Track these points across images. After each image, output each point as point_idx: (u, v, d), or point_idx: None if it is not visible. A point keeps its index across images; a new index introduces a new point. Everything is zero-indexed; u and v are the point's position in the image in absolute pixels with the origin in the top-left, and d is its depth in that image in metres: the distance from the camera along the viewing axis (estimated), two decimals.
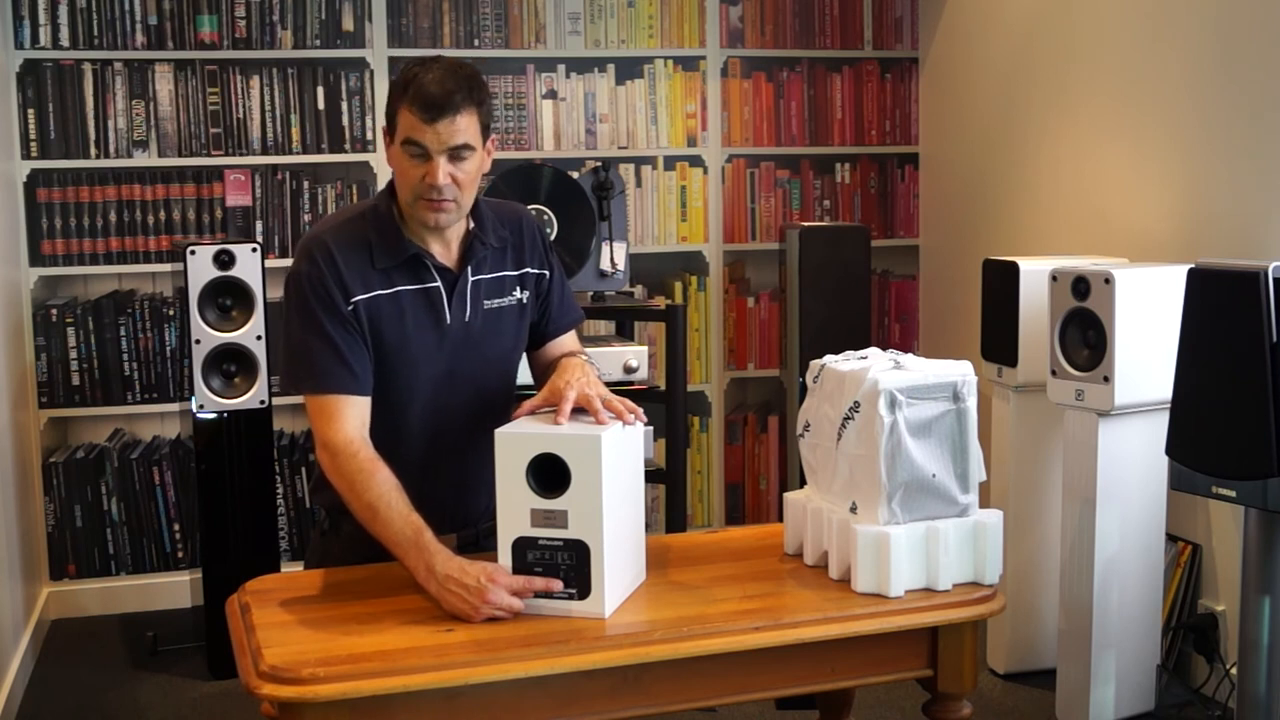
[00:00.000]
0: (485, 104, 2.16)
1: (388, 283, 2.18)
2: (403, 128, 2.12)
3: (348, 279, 2.15)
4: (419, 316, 2.20)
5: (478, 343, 2.25)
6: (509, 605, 1.94)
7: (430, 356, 2.21)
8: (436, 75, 2.11)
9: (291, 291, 2.20)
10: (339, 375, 2.14)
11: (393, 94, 2.17)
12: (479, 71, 2.18)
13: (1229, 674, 3.30)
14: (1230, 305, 2.76)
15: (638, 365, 3.71)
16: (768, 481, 4.99)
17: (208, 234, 4.43)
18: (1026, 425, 3.65)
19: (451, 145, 2.10)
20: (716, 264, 4.87)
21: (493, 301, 2.26)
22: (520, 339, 2.33)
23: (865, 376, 2.07)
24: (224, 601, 2.17)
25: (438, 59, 2.17)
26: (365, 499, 2.06)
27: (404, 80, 2.14)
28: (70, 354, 4.34)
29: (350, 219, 2.23)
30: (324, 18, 4.49)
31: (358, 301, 2.15)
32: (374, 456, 2.10)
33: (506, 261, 2.29)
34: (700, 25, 4.81)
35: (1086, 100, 3.99)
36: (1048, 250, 4.16)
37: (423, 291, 2.20)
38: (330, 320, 2.14)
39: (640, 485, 2.14)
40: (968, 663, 2.09)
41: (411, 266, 2.19)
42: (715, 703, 2.03)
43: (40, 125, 4.32)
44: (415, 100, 2.10)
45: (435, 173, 2.11)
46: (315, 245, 2.19)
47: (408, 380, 2.21)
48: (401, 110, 2.12)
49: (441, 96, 2.09)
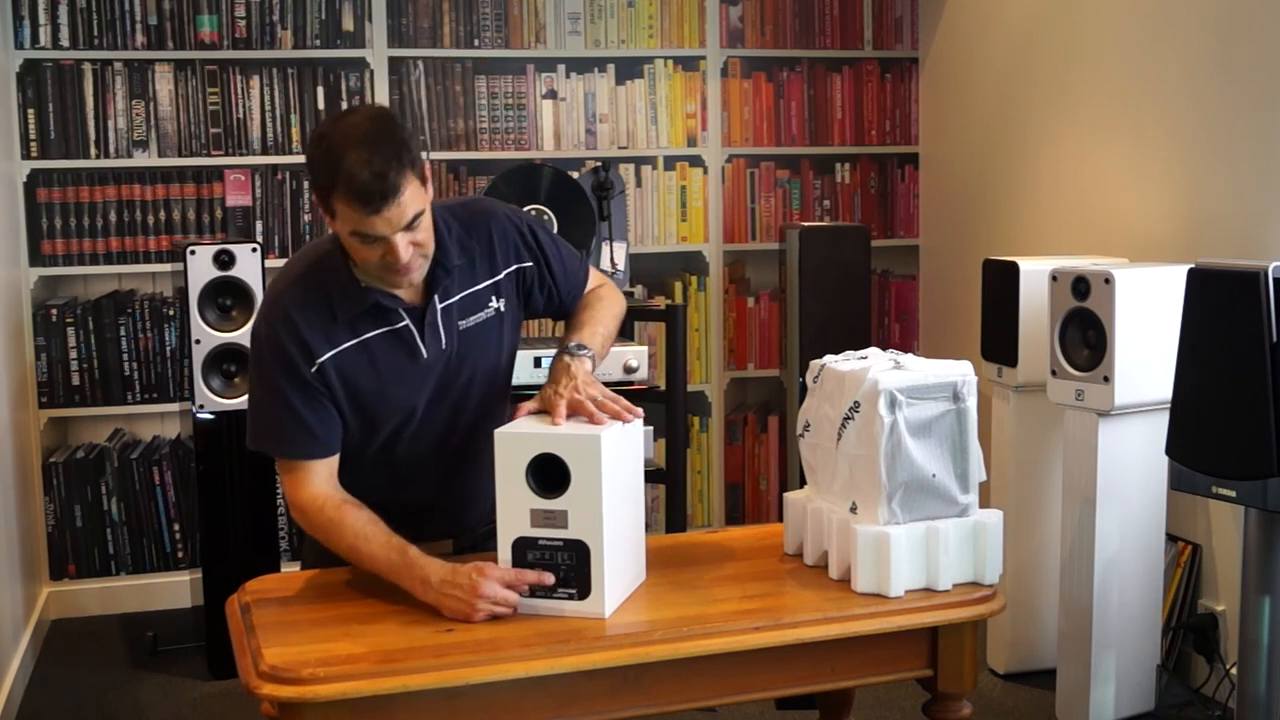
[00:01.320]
0: (415, 155, 2.00)
1: (354, 332, 2.11)
2: (344, 219, 1.99)
3: (310, 340, 2.08)
4: (393, 358, 2.13)
5: (461, 364, 2.20)
6: (503, 597, 1.94)
7: (413, 390, 2.17)
8: (362, 155, 1.94)
9: (254, 353, 2.14)
10: (302, 441, 2.10)
11: (316, 174, 2.00)
12: (392, 116, 2.04)
13: (1229, 674, 3.30)
14: (1230, 305, 2.76)
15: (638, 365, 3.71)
16: (768, 481, 4.99)
17: (208, 234, 4.43)
18: (1026, 425, 3.65)
19: (403, 224, 1.99)
20: (716, 264, 4.87)
21: (469, 320, 2.19)
22: (509, 342, 2.28)
23: (865, 376, 2.07)
24: (224, 601, 2.17)
25: (350, 114, 2.02)
26: (344, 544, 2.07)
27: (326, 164, 1.97)
28: (70, 354, 4.34)
29: (305, 273, 2.13)
30: (324, 18, 4.49)
31: (323, 362, 2.09)
32: (340, 503, 2.09)
33: (477, 274, 2.20)
34: (700, 25, 4.81)
35: (1086, 100, 3.99)
36: (1048, 250, 4.16)
37: (392, 333, 2.13)
38: (292, 386, 2.08)
39: (640, 485, 2.14)
40: (968, 663, 2.09)
41: (376, 310, 2.11)
42: (715, 703, 2.03)
43: (40, 125, 4.32)
44: (350, 193, 1.95)
45: (396, 253, 2.00)
46: (274, 307, 2.11)
47: (393, 414, 2.17)
48: (335, 202, 1.98)
49: (376, 182, 1.94)
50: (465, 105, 4.63)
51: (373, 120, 2.00)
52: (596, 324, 2.29)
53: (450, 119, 4.62)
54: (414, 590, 1.99)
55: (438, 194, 4.60)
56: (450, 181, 4.61)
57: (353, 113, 2.03)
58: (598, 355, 2.22)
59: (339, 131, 1.98)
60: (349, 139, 1.96)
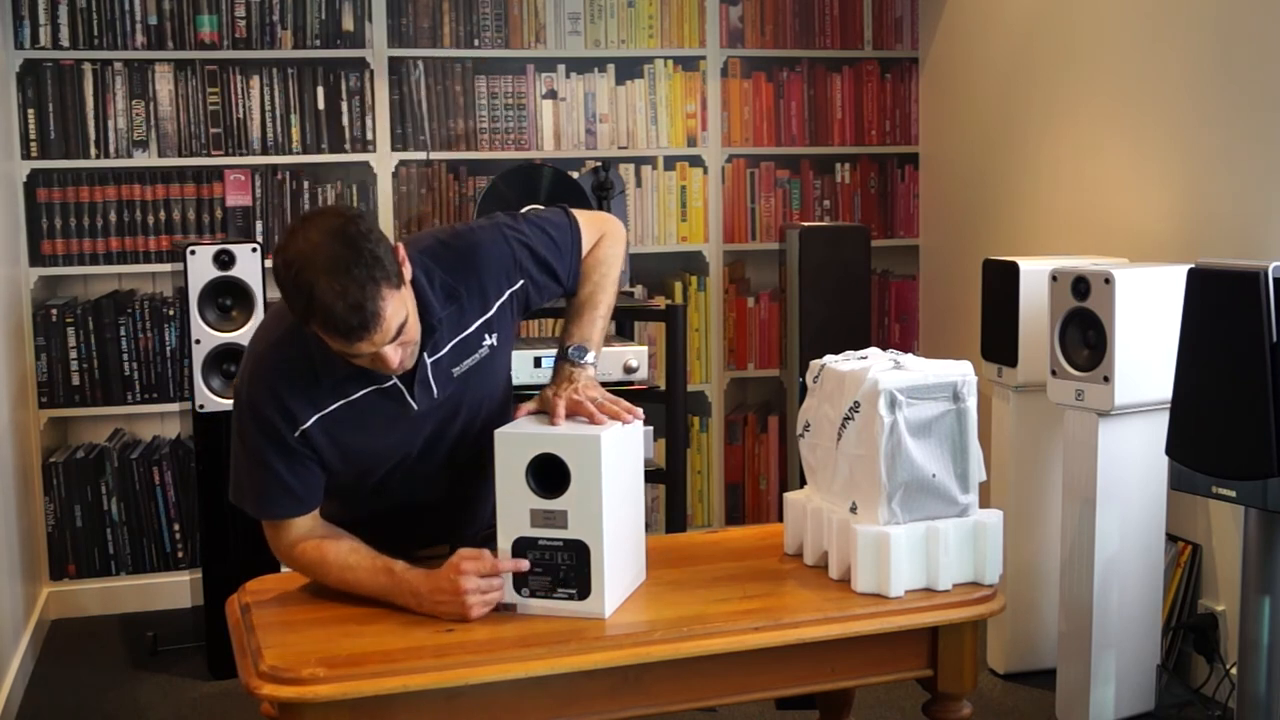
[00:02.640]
0: (386, 264, 1.88)
1: (340, 393, 2.04)
2: (327, 340, 1.92)
3: (293, 407, 2.01)
4: (384, 415, 2.07)
5: (458, 403, 2.14)
6: (487, 585, 1.95)
7: (408, 436, 2.12)
8: (334, 286, 1.83)
9: (237, 414, 2.08)
10: (283, 504, 2.08)
11: (290, 302, 1.89)
12: (356, 227, 1.89)
13: (1229, 674, 3.30)
14: (1230, 305, 2.75)
15: (638, 365, 3.71)
16: (768, 481, 4.99)
17: (208, 234, 4.43)
18: (1026, 425, 3.65)
19: (389, 340, 1.91)
20: (716, 264, 4.87)
21: (463, 365, 2.13)
22: (507, 364, 2.24)
23: (865, 376, 2.07)
24: (224, 601, 2.18)
25: (309, 229, 1.87)
26: (333, 579, 2.07)
27: (298, 294, 1.86)
28: (70, 354, 4.34)
29: (285, 336, 2.03)
30: (324, 18, 4.49)
31: (307, 428, 2.03)
32: (319, 541, 2.08)
33: (467, 316, 2.12)
34: (700, 25, 4.81)
35: (1086, 100, 3.99)
36: (1048, 250, 4.16)
37: (380, 392, 2.06)
38: (275, 451, 2.03)
39: (640, 485, 2.14)
40: (968, 663, 2.09)
41: (362, 372, 2.02)
42: (715, 703, 2.04)
43: (40, 125, 4.32)
44: (328, 327, 1.87)
45: (386, 362, 1.94)
46: (257, 371, 2.05)
47: (387, 461, 2.14)
48: (314, 328, 1.90)
49: (355, 316, 1.85)
50: (465, 105, 4.63)
51: (336, 237, 1.87)
52: (597, 306, 2.26)
53: (450, 119, 4.62)
54: (409, 605, 2.00)
55: (437, 193, 4.60)
56: (450, 181, 4.61)
57: (311, 225, 1.90)
58: (597, 346, 2.21)
59: (304, 256, 1.86)
60: (317, 264, 1.85)
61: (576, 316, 2.26)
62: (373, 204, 4.55)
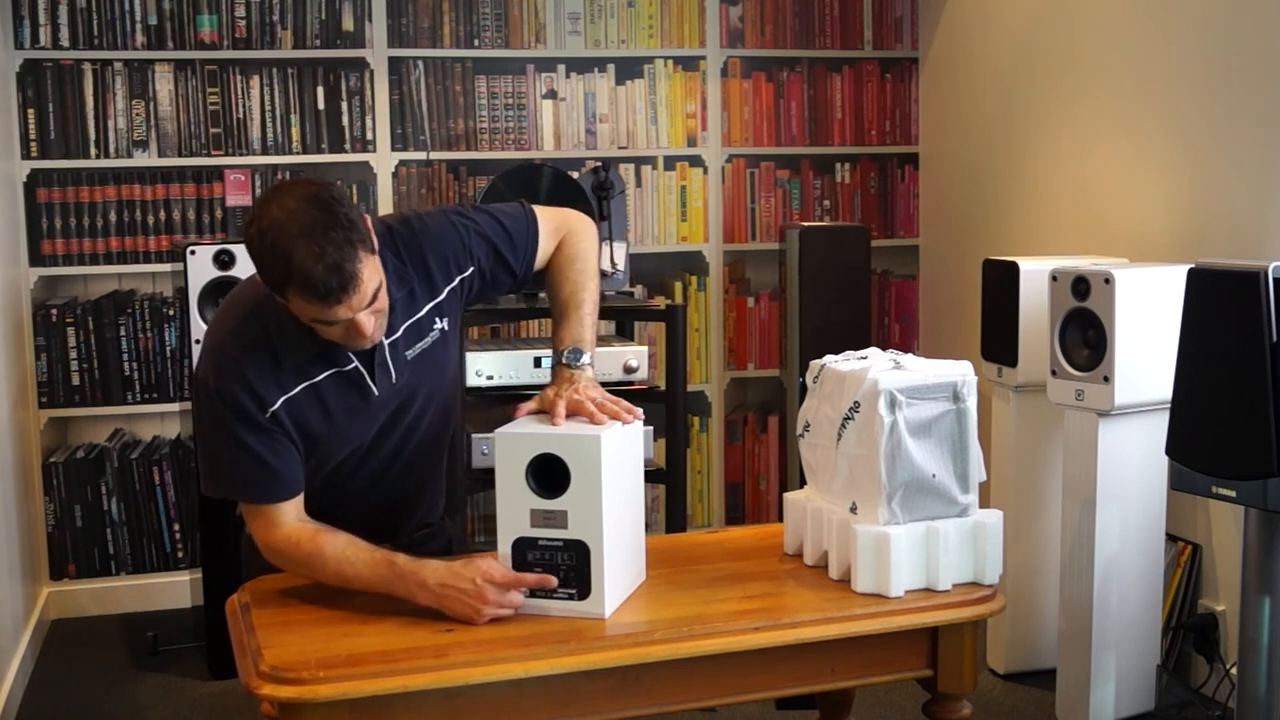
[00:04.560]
0: (361, 229, 1.92)
1: (302, 376, 2.06)
2: (301, 310, 1.93)
3: (260, 388, 2.02)
4: (344, 398, 2.10)
5: (412, 391, 2.18)
6: (509, 601, 1.94)
7: (364, 426, 2.16)
8: (312, 249, 1.85)
9: (203, 401, 2.06)
10: (266, 485, 2.07)
11: (265, 271, 1.91)
12: (330, 193, 1.92)
13: (1229, 674, 3.30)
14: (1230, 305, 2.75)
15: (638, 365, 3.71)
16: (768, 481, 4.99)
17: (208, 234, 4.44)
18: (1026, 425, 3.65)
19: (365, 305, 1.94)
20: (716, 264, 4.87)
21: (415, 348, 2.16)
22: (454, 354, 2.26)
23: (865, 376, 2.07)
24: (224, 601, 2.18)
25: (283, 197, 1.90)
26: (329, 573, 2.05)
27: (274, 261, 1.88)
28: (70, 354, 4.34)
29: (246, 317, 2.05)
30: (324, 18, 4.49)
31: (275, 409, 2.04)
32: (314, 534, 2.07)
33: (418, 300, 2.15)
34: (700, 25, 4.81)
35: (1086, 100, 3.99)
36: (1048, 250, 4.16)
37: (341, 374, 2.09)
38: (249, 431, 2.03)
39: (640, 485, 2.14)
40: (968, 663, 2.09)
41: (324, 352, 2.06)
42: (715, 703, 2.03)
43: (40, 125, 4.32)
44: (306, 290, 1.88)
45: (361, 330, 1.96)
46: (220, 355, 2.05)
47: (343, 450, 2.16)
48: (290, 295, 1.91)
49: (334, 276, 1.87)
50: (465, 105, 4.63)
51: (311, 202, 1.89)
52: (581, 305, 2.25)
53: (450, 119, 4.62)
54: (412, 596, 1.98)
55: (438, 193, 4.60)
56: (450, 181, 4.61)
57: (285, 193, 1.92)
58: (590, 344, 2.21)
59: (279, 222, 1.88)
60: (292, 229, 1.87)
61: (564, 319, 2.26)
62: (373, 204, 4.55)
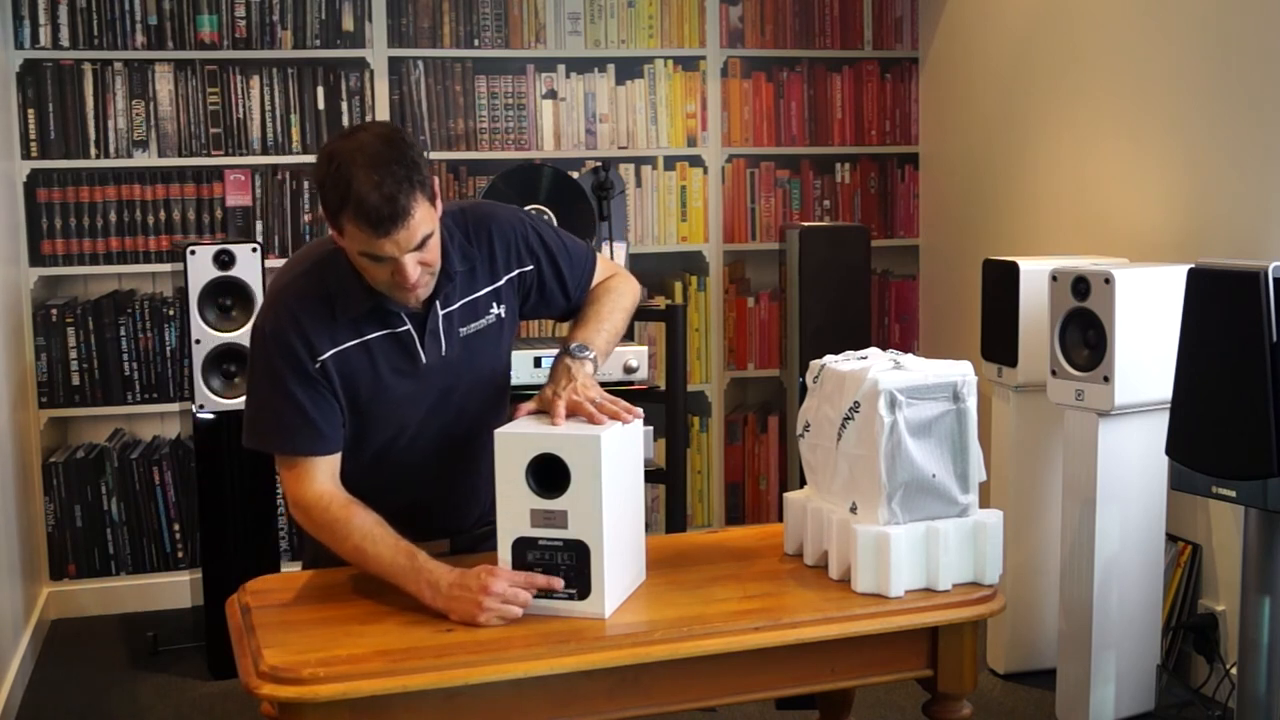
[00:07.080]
0: (425, 176, 1.99)
1: (355, 333, 2.10)
2: (353, 240, 1.98)
3: (313, 336, 2.07)
4: (393, 361, 2.13)
5: (460, 371, 2.19)
6: (513, 594, 1.93)
7: (411, 397, 2.17)
8: (372, 177, 1.93)
9: (257, 348, 2.13)
10: (307, 436, 2.09)
11: (325, 193, 1.98)
12: (402, 135, 2.01)
13: (1229, 674, 3.30)
14: (1230, 305, 2.76)
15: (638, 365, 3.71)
16: (768, 481, 4.99)
17: (208, 234, 4.44)
18: (1026, 425, 3.65)
19: (413, 246, 1.99)
20: (716, 264, 4.87)
21: (469, 327, 2.19)
22: (507, 347, 2.28)
23: (865, 376, 2.07)
24: (224, 601, 2.17)
25: (359, 131, 2.00)
26: (349, 544, 2.05)
27: (336, 184, 1.95)
28: (70, 354, 4.34)
29: (309, 270, 2.12)
30: (324, 18, 4.49)
31: (325, 359, 2.08)
32: (346, 502, 2.08)
33: (478, 281, 2.19)
34: (700, 25, 4.81)
35: (1086, 100, 3.99)
36: (1048, 250, 4.16)
37: (393, 336, 2.13)
38: (296, 380, 2.07)
39: (640, 485, 2.14)
40: (968, 663, 2.09)
41: (378, 313, 2.11)
42: (715, 703, 2.03)
43: (40, 125, 4.32)
44: (359, 215, 1.94)
45: (405, 274, 2.00)
46: (278, 303, 2.11)
47: (390, 420, 2.17)
48: (344, 221, 1.97)
49: (387, 206, 1.93)
50: (465, 105, 4.63)
51: (382, 139, 1.98)
52: (602, 320, 2.28)
53: (450, 119, 4.62)
54: (421, 595, 1.98)
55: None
56: (450, 181, 4.61)
57: (362, 129, 2.01)
58: (601, 355, 2.22)
59: (348, 150, 1.96)
60: (359, 159, 1.94)
61: (583, 323, 2.28)
62: None
